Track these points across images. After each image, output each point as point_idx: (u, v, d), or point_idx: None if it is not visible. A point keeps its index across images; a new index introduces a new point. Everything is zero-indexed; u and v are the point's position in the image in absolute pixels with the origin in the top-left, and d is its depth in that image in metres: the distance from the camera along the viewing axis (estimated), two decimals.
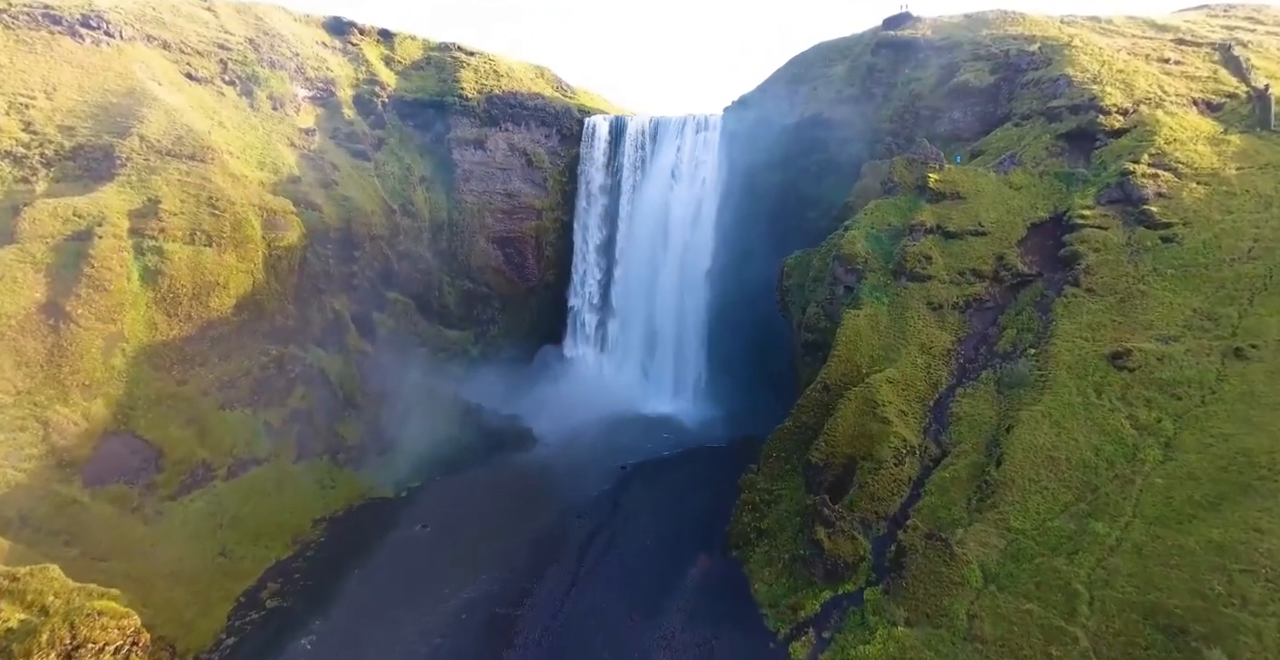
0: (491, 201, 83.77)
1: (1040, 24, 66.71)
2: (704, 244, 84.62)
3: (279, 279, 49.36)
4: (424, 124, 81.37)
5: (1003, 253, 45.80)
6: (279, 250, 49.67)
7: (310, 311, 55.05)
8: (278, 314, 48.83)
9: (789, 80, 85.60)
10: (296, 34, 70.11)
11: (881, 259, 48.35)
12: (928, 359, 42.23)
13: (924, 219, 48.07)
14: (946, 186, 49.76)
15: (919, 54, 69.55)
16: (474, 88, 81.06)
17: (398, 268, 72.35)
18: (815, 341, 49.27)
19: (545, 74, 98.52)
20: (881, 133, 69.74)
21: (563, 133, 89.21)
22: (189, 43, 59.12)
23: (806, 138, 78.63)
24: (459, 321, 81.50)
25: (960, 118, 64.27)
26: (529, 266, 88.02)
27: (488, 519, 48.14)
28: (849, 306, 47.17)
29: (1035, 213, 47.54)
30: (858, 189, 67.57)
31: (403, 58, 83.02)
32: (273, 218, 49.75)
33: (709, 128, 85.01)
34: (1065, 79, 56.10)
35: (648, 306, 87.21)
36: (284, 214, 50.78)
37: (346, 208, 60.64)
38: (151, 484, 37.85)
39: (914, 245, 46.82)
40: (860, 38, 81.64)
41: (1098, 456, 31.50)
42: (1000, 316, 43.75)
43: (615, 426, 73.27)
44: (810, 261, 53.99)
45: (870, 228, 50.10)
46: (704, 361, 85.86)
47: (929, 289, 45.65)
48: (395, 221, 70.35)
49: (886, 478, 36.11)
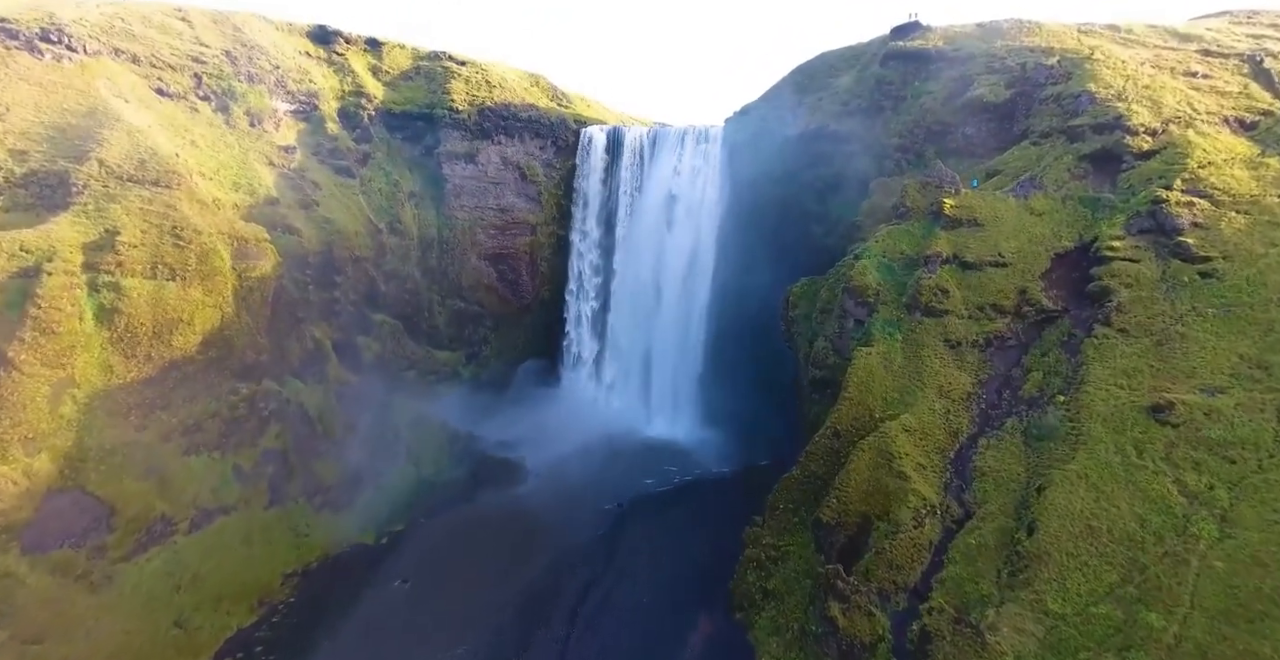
0: (484, 217, 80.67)
1: (1057, 34, 63.51)
2: (705, 258, 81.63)
3: (251, 312, 46.21)
4: (413, 137, 78.27)
5: (1025, 286, 42.61)
6: (251, 281, 46.53)
7: (288, 342, 51.90)
8: (249, 349, 45.70)
9: (793, 90, 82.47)
10: (277, 45, 66.94)
11: (894, 291, 45.15)
12: (946, 404, 39.06)
13: (939, 248, 44.89)
14: (963, 212, 46.58)
15: (929, 65, 66.39)
16: (465, 99, 77.93)
17: (384, 289, 69.23)
18: (823, 378, 46.11)
19: (540, 82, 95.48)
20: (890, 148, 66.60)
21: (558, 144, 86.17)
22: (160, 56, 55.99)
23: (811, 151, 75.55)
24: (450, 342, 78.44)
25: (974, 133, 61.13)
26: (523, 284, 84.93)
27: (473, 569, 44.99)
28: (860, 343, 44.03)
29: (1059, 242, 44.36)
30: (866, 208, 64.47)
31: (391, 68, 79.87)
32: (244, 246, 46.60)
33: (709, 139, 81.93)
34: (1087, 96, 52.90)
35: (646, 324, 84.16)
36: (257, 242, 47.63)
37: (327, 230, 57.47)
38: (101, 546, 34.76)
39: (929, 277, 43.63)
40: (867, 48, 78.53)
41: (1143, 528, 28.30)
42: (1024, 356, 40.55)
43: (612, 453, 70.21)
44: (818, 291, 50.82)
45: (882, 256, 46.91)
46: (704, 382, 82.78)
47: (946, 325, 42.48)
48: (381, 241, 67.19)
49: (905, 542, 32.92)
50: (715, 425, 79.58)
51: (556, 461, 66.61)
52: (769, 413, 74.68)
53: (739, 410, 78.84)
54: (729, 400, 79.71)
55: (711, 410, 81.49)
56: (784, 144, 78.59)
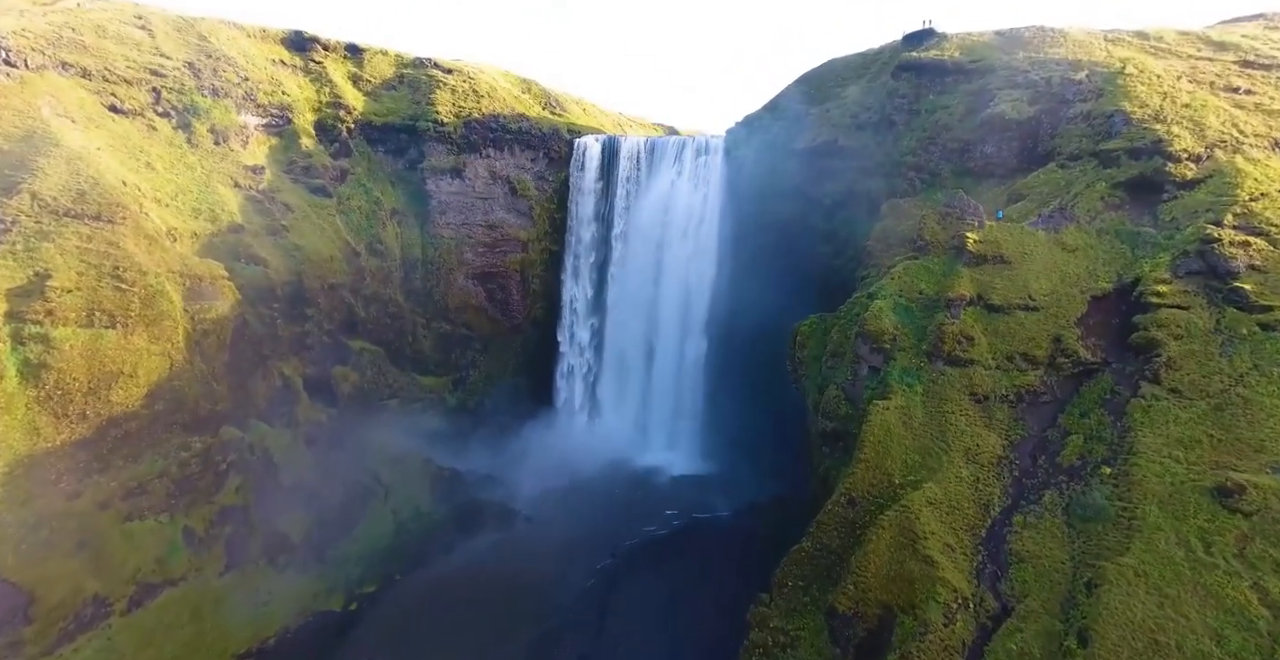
0: (471, 234, 76.39)
1: (1084, 45, 59.12)
2: (705, 276, 77.48)
3: (205, 357, 42.04)
4: (396, 150, 73.94)
5: (1059, 333, 38.41)
6: (205, 324, 42.32)
7: (252, 382, 47.73)
8: (203, 398, 41.52)
9: (799, 99, 78.13)
10: (248, 54, 62.49)
11: (913, 336, 40.94)
12: (975, 470, 34.91)
13: (962, 289, 40.67)
14: (988, 248, 42.35)
15: (945, 78, 62.03)
16: (450, 111, 73.51)
17: (363, 314, 65.01)
18: (835, 431, 41.95)
19: (532, 88, 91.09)
20: (903, 166, 62.28)
21: (551, 156, 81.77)
22: (115, 69, 51.62)
23: (818, 166, 71.27)
24: (435, 367, 74.25)
25: (994, 153, 56.82)
26: (513, 303, 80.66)
27: (450, 640, 40.88)
28: (875, 393, 39.85)
29: (1096, 283, 40.15)
30: (878, 232, 60.14)
31: (372, 76, 75.42)
32: (198, 285, 42.39)
33: (709, 151, 77.63)
34: (1122, 115, 48.63)
35: (643, 347, 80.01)
36: (213, 279, 43.40)
37: (297, 258, 53.18)
38: (17, 641, 30.70)
39: (952, 322, 39.42)
40: (878, 55, 74.19)
41: (1221, 648, 24.20)
42: (1060, 415, 36.40)
43: (607, 488, 66.15)
44: (828, 330, 46.57)
45: (898, 296, 42.67)
46: (704, 406, 78.79)
47: (971, 376, 38.32)
48: (360, 264, 62.93)
49: (934, 644, 28.82)
50: (717, 453, 75.57)
51: (547, 499, 62.58)
52: (773, 440, 70.66)
53: (741, 436, 74.85)
54: (731, 426, 75.70)
55: (713, 436, 77.51)
56: (789, 157, 74.35)
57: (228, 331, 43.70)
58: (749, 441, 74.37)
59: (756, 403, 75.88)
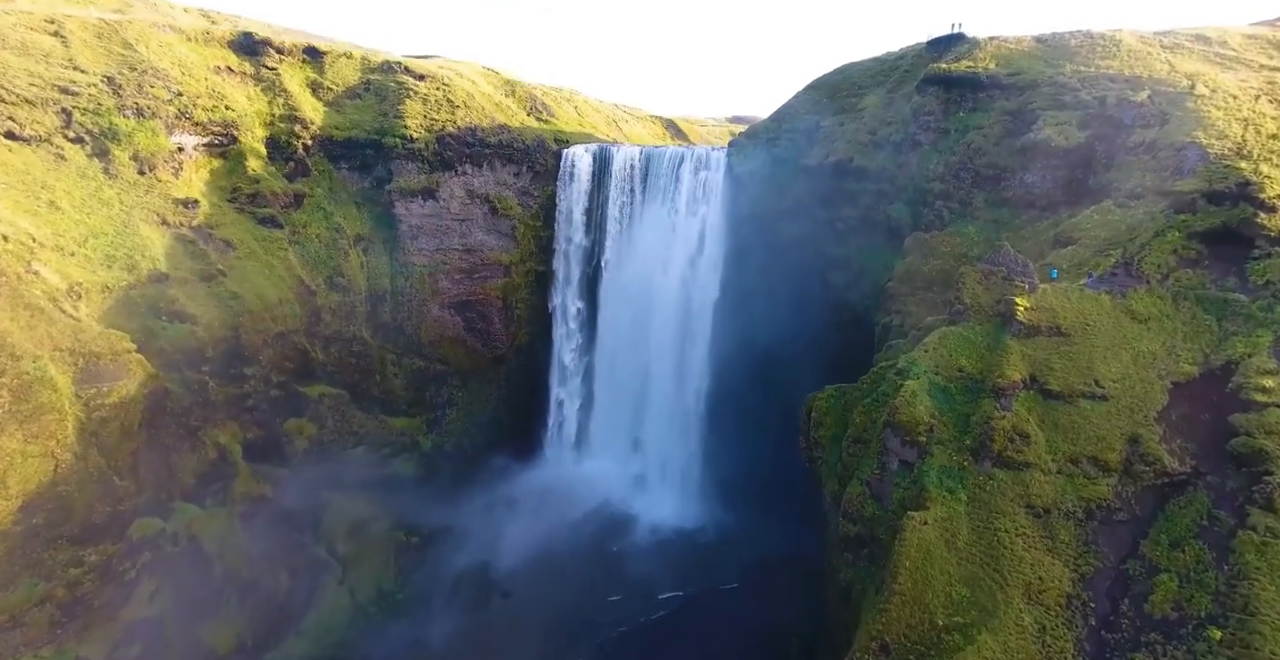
0: (447, 260, 69.21)
1: (1140, 56, 51.54)
2: (705, 301, 70.56)
3: (105, 449, 35.24)
4: (361, 166, 66.46)
5: (1136, 432, 31.58)
6: (105, 410, 35.42)
7: (177, 459, 41.01)
8: (100, 500, 34.79)
9: (809, 109, 70.61)
10: (184, 62, 54.82)
11: (954, 426, 34.07)
12: (1039, 615, 28.29)
13: (1013, 371, 33.73)
14: (1042, 317, 35.36)
15: (979, 93, 54.58)
16: (422, 124, 65.91)
17: (322, 357, 58.15)
18: (860, 536, 35.28)
19: (516, 91, 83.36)
20: (929, 193, 55.14)
21: (535, 169, 74.28)
22: (14, 87, 44.12)
23: (831, 186, 64.07)
24: (408, 407, 67.52)
25: (1035, 182, 49.67)
26: (495, 332, 73.67)
27: None
28: (908, 495, 33.15)
29: (1177, 365, 33.23)
30: (901, 272, 53.26)
31: (335, 82, 67.68)
32: (94, 364, 35.45)
33: (710, 166, 70.25)
34: (1196, 149, 41.34)
35: (638, 381, 73.28)
36: (115, 355, 36.40)
37: (234, 308, 46.14)
38: None
39: (1002, 416, 32.54)
40: (899, 62, 66.57)
41: None
42: (1143, 541, 29.71)
43: (595, 547, 59.81)
44: (848, 405, 39.60)
45: (934, 374, 35.71)
46: (704, 447, 72.28)
47: (1027, 482, 31.60)
48: (315, 303, 55.90)
49: None
50: (718, 496, 69.30)
51: (530, 564, 56.14)
52: (780, 483, 64.33)
53: (745, 477, 68.65)
54: (733, 465, 69.44)
55: (714, 477, 71.22)
56: (798, 174, 67.16)
57: (136, 413, 36.82)
58: (754, 483, 68.09)
59: (762, 441, 69.30)
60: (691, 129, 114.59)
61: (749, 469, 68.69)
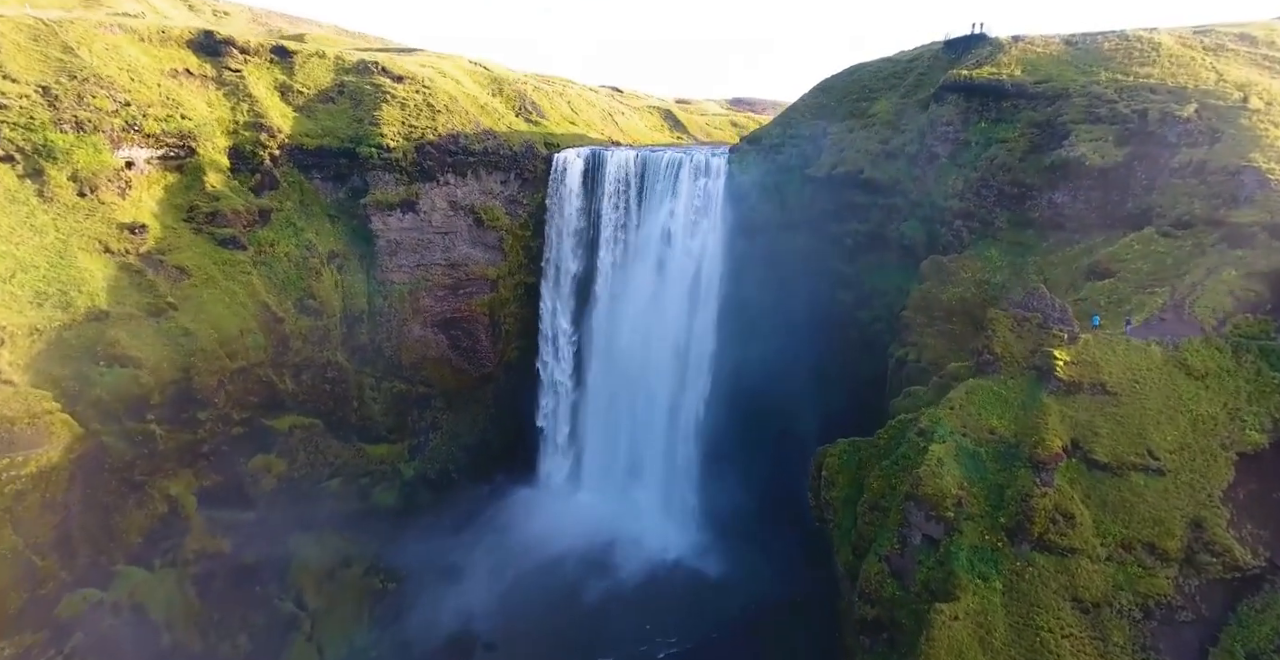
0: (429, 277, 64.86)
1: (1183, 61, 46.98)
2: (705, 316, 66.38)
3: (21, 527, 31.15)
4: (335, 175, 61.89)
5: (1198, 514, 27.60)
6: (21, 482, 31.21)
7: (118, 519, 37.13)
8: (14, 588, 30.74)
9: (815, 113, 66.03)
10: (134, 67, 50.08)
11: (985, 499, 30.07)
12: None
13: (1053, 437, 29.68)
14: (1084, 373, 31.24)
15: (1003, 102, 50.10)
16: (400, 132, 61.24)
17: (292, 387, 54.06)
18: (879, 619, 31.41)
19: (504, 90, 78.42)
20: (947, 212, 50.85)
21: (524, 176, 69.71)
22: None
23: (840, 199, 59.76)
24: (388, 433, 63.50)
25: (1065, 203, 45.39)
26: (482, 350, 69.46)
27: None
28: (937, 586, 29.26)
29: (1243, 432, 29.18)
30: (917, 298, 49.12)
31: (306, 85, 62.87)
32: (7, 432, 31.26)
33: (710, 173, 65.65)
34: (1253, 173, 37.13)
35: (632, 402, 69.20)
36: (33, 418, 32.21)
37: (186, 348, 41.87)
38: None
39: (1043, 493, 28.52)
40: (913, 64, 61.89)
41: None
42: (1212, 649, 25.80)
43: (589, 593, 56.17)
44: (862, 465, 35.51)
45: (961, 437, 31.64)
46: (704, 473, 68.47)
47: (1073, 571, 27.74)
48: (284, 331, 51.72)
49: None
50: (718, 524, 65.71)
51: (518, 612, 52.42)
52: (783, 514, 60.66)
53: (746, 506, 65.14)
54: (733, 493, 65.81)
55: (713, 504, 67.47)
56: (804, 184, 62.83)
57: (61, 481, 32.75)
58: (755, 513, 64.44)
59: (763, 467, 65.79)
60: (690, 120, 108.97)
61: (750, 496, 65.04)
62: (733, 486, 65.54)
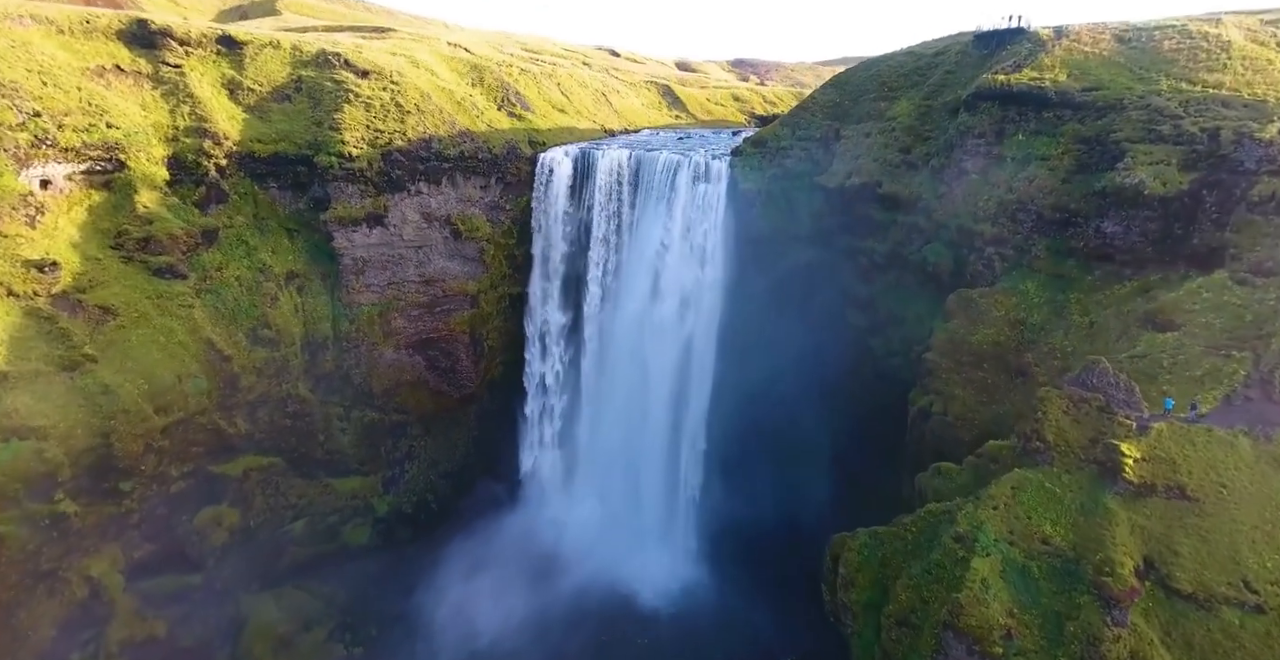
0: (401, 296, 59.05)
1: (1258, 65, 40.69)
2: (705, 334, 61.04)
3: None
4: (294, 184, 55.48)
5: None
6: None
7: (24, 616, 32.19)
8: None
9: (826, 114, 59.56)
10: (48, 66, 43.57)
11: (1041, 632, 25.02)
12: None
13: (1124, 557, 24.57)
14: (1157, 473, 26.00)
15: (1045, 112, 43.74)
16: (364, 138, 54.72)
17: (246, 427, 48.84)
18: None
19: (485, 79, 71.59)
20: (977, 237, 45.01)
21: (506, 180, 63.46)
22: None
23: (855, 213, 53.92)
24: (359, 466, 58.48)
25: (1117, 233, 39.50)
26: (462, 370, 63.97)
27: None
28: None
29: None
30: (943, 340, 43.45)
31: (258, 80, 56.06)
32: None
33: (710, 178, 59.47)
34: None
35: (628, 425, 64.05)
36: None
37: (106, 408, 36.33)
38: None
39: (1115, 634, 23.44)
40: (937, 59, 55.33)
41: None
42: None
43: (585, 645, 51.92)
44: (885, 563, 30.37)
45: (1008, 546, 26.46)
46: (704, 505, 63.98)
47: None
48: (230, 370, 46.22)
49: None
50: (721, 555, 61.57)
51: None
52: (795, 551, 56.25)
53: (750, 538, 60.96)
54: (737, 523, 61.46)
55: (714, 528, 63.13)
56: (814, 194, 56.87)
57: None
58: (760, 547, 60.11)
59: (764, 497, 61.38)
60: (690, 96, 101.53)
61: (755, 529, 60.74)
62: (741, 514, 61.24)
